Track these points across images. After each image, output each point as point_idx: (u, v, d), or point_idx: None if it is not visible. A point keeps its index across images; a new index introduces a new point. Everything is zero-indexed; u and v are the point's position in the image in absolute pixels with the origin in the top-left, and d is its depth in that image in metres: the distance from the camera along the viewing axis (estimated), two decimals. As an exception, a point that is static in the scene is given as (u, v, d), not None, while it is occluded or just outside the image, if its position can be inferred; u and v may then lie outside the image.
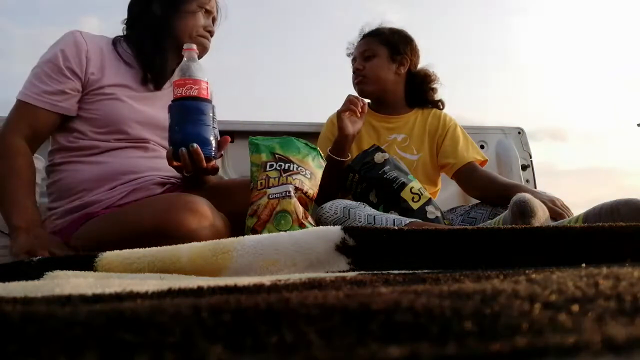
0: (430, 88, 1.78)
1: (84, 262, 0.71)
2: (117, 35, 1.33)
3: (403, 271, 0.64)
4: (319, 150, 1.28)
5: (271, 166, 1.18)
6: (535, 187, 2.06)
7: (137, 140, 1.25)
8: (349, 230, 0.75)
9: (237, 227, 1.11)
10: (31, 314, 0.28)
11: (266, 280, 0.52)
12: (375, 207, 1.35)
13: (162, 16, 1.28)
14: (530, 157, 2.19)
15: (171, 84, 1.18)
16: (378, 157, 1.42)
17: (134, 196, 1.19)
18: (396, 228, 0.76)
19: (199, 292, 0.44)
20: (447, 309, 0.28)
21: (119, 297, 0.41)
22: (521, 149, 2.18)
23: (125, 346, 0.24)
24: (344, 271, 0.70)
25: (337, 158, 1.51)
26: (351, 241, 0.73)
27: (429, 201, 1.40)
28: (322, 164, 1.28)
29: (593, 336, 0.23)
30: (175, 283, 0.50)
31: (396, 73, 1.73)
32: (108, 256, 0.72)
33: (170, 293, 0.43)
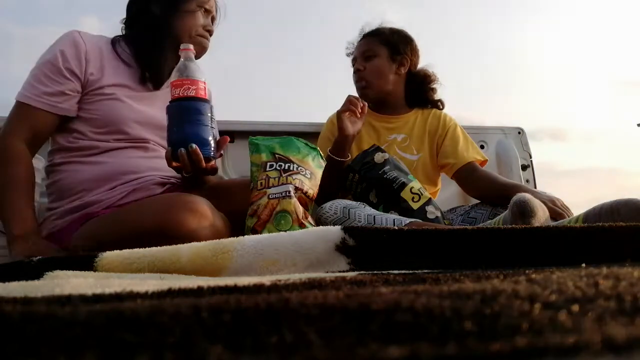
0: (430, 88, 1.79)
1: (84, 262, 0.71)
2: (116, 35, 1.33)
3: (403, 271, 0.64)
4: (319, 150, 1.28)
5: (271, 166, 1.18)
6: (535, 187, 2.06)
7: (136, 140, 1.25)
8: (349, 230, 0.75)
9: (237, 227, 1.11)
10: (31, 314, 0.28)
11: (266, 280, 0.52)
12: (375, 207, 1.35)
13: (162, 16, 1.28)
14: (530, 157, 2.19)
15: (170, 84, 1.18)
16: (378, 157, 1.42)
17: (134, 196, 1.19)
18: (396, 228, 0.76)
19: (199, 292, 0.44)
20: (447, 309, 0.28)
21: (119, 297, 0.41)
22: (521, 149, 2.18)
23: (125, 346, 0.24)
24: (344, 271, 0.69)
25: (337, 158, 1.51)
26: (351, 241, 0.73)
27: (429, 201, 1.40)
28: (322, 164, 1.28)
29: (593, 336, 0.23)
30: (175, 283, 0.50)
31: (396, 73, 1.73)
32: (108, 256, 0.72)
33: (170, 293, 0.43)
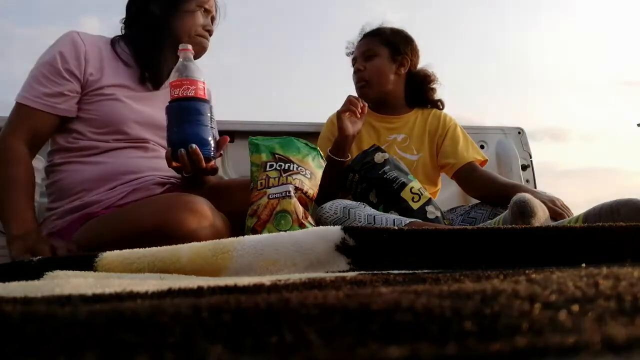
0: (430, 88, 1.79)
1: (84, 262, 0.71)
2: (116, 35, 1.33)
3: (403, 271, 0.64)
4: (319, 150, 1.28)
5: (271, 166, 1.18)
6: (535, 187, 2.06)
7: (136, 140, 1.25)
8: (349, 230, 0.75)
9: (237, 227, 1.11)
10: (31, 314, 0.28)
11: (266, 280, 0.52)
12: (375, 207, 1.35)
13: (161, 15, 1.28)
14: (530, 157, 2.19)
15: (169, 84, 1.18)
16: (378, 157, 1.42)
17: (133, 196, 1.19)
18: (396, 228, 0.76)
19: (199, 292, 0.44)
20: (447, 309, 0.28)
21: (119, 297, 0.41)
22: (521, 149, 2.18)
23: (125, 346, 0.24)
24: (344, 271, 0.69)
25: (337, 158, 1.51)
26: (351, 241, 0.73)
27: (429, 201, 1.40)
28: (322, 164, 1.28)
29: (593, 336, 0.23)
30: (175, 283, 0.50)
31: (396, 73, 1.73)
32: (108, 256, 0.72)
33: (170, 293, 0.43)
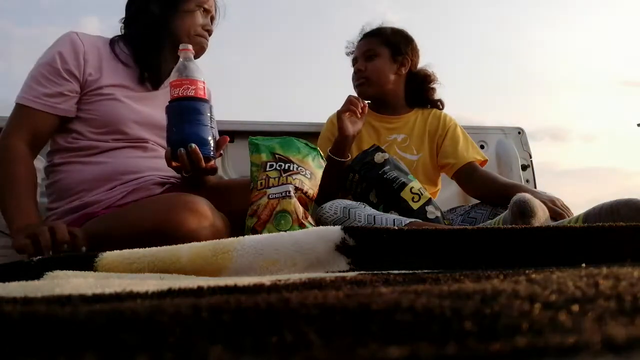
0: (429, 88, 1.79)
1: (84, 262, 0.71)
2: (115, 35, 1.33)
3: (403, 271, 0.64)
4: (319, 151, 1.28)
5: (271, 166, 1.18)
6: (535, 187, 2.06)
7: (136, 140, 1.25)
8: (349, 230, 0.75)
9: (237, 227, 1.11)
10: (31, 314, 0.28)
11: (266, 280, 0.52)
12: (375, 207, 1.35)
13: (161, 15, 1.28)
14: (530, 157, 2.19)
15: (169, 84, 1.17)
16: (378, 157, 1.42)
17: (133, 196, 1.19)
18: (396, 228, 0.76)
19: (199, 292, 0.44)
20: (447, 309, 0.28)
21: (119, 297, 0.41)
22: (521, 149, 2.18)
23: (125, 346, 0.24)
24: (344, 271, 0.69)
25: (337, 158, 1.51)
26: (351, 241, 0.73)
27: (429, 201, 1.40)
28: (322, 164, 1.28)
29: (593, 336, 0.23)
30: (175, 283, 0.50)
31: (397, 73, 1.73)
32: (108, 256, 0.72)
33: (170, 293, 0.43)
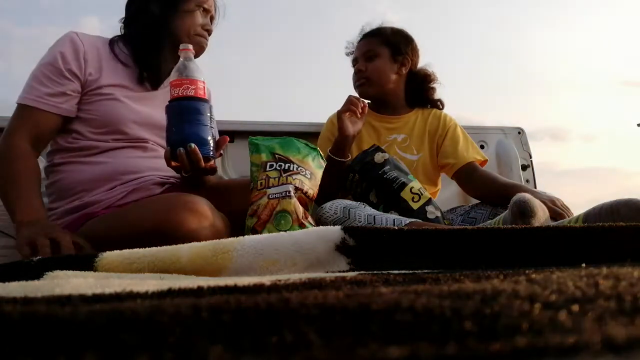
0: (429, 87, 1.78)
1: (84, 262, 0.71)
2: (115, 35, 1.33)
3: (403, 271, 0.64)
4: (319, 151, 1.28)
5: (271, 166, 1.18)
6: (535, 187, 2.06)
7: (135, 140, 1.25)
8: (349, 230, 0.75)
9: (237, 227, 1.11)
10: (31, 314, 0.28)
11: (266, 280, 0.52)
12: (375, 207, 1.35)
13: (160, 15, 1.28)
14: (530, 157, 2.19)
15: (168, 84, 1.17)
16: (378, 157, 1.42)
17: (133, 196, 1.19)
18: (396, 228, 0.76)
19: (199, 292, 0.44)
20: (447, 309, 0.28)
21: (119, 297, 0.41)
22: (521, 149, 2.18)
23: (125, 346, 0.24)
24: (344, 271, 0.69)
25: (337, 158, 1.51)
26: (351, 241, 0.73)
27: (429, 201, 1.40)
28: (322, 164, 1.28)
29: (593, 336, 0.23)
30: (175, 283, 0.50)
31: (397, 73, 1.73)
32: (108, 256, 0.72)
33: (170, 293, 0.43)
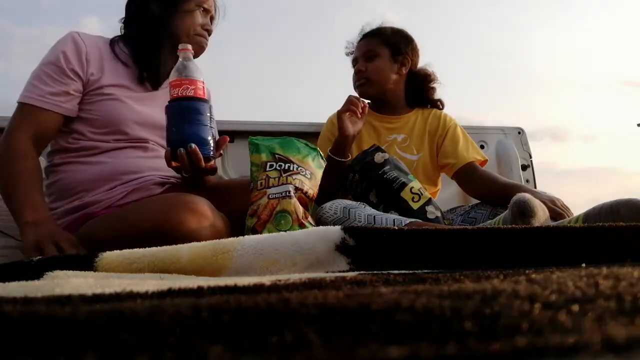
0: (429, 87, 1.78)
1: (84, 262, 0.71)
2: (115, 35, 1.33)
3: (403, 271, 0.64)
4: (319, 151, 1.28)
5: (271, 166, 1.18)
6: (535, 187, 2.06)
7: (136, 140, 1.25)
8: (349, 230, 0.75)
9: (237, 227, 1.11)
10: (31, 314, 0.28)
11: (266, 280, 0.52)
12: (375, 207, 1.35)
13: (160, 15, 1.28)
14: (530, 157, 2.19)
15: (168, 84, 1.17)
16: (378, 157, 1.42)
17: (133, 196, 1.19)
18: (396, 228, 0.76)
19: (199, 292, 0.44)
20: (447, 309, 0.28)
21: (119, 297, 0.41)
22: (521, 149, 2.18)
23: (125, 346, 0.24)
24: (344, 271, 0.69)
25: (337, 158, 1.51)
26: (351, 241, 0.73)
27: (429, 201, 1.40)
28: (322, 164, 1.28)
29: (593, 336, 0.23)
30: (175, 283, 0.50)
31: (397, 73, 1.73)
32: (108, 256, 0.72)
33: (170, 293, 0.43)
